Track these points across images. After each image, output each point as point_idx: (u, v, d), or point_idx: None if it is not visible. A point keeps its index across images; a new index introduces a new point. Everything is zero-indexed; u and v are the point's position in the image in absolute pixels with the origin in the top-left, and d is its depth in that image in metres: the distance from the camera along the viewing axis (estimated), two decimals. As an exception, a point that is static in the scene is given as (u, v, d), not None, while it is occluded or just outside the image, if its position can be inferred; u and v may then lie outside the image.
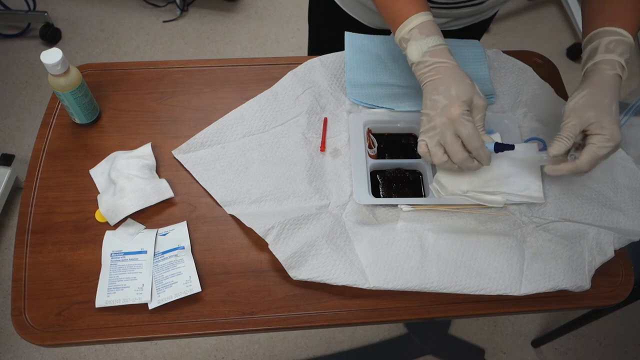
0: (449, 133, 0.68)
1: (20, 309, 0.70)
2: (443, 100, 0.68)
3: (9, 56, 2.07)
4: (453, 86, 0.68)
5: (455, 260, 0.74)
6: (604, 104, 0.69)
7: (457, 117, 0.67)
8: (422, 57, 0.70)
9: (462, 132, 0.68)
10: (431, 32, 0.70)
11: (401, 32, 0.72)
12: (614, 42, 0.70)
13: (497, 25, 2.31)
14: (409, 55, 0.72)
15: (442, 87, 0.69)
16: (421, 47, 0.70)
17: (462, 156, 0.69)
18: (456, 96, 0.68)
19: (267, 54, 2.16)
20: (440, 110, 0.68)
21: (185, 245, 0.75)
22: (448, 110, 0.67)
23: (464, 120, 0.67)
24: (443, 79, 0.69)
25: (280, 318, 0.72)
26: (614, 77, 0.70)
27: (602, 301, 0.76)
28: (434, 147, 0.70)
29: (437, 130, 0.69)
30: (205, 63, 0.94)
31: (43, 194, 0.79)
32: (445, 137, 0.69)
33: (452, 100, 0.68)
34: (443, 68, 0.69)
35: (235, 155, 0.82)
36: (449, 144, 0.69)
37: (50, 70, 0.75)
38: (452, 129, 0.68)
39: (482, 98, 0.70)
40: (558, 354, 1.58)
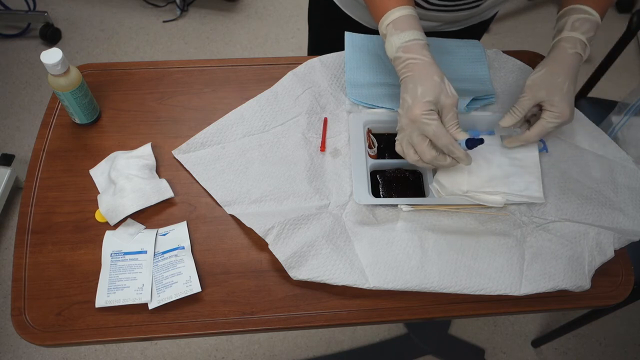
0: (415, 134, 0.68)
1: (20, 309, 0.70)
2: (409, 100, 0.68)
3: (9, 56, 2.07)
4: (419, 85, 0.67)
5: (455, 260, 0.74)
6: (557, 82, 0.72)
7: (418, 118, 0.67)
8: (395, 53, 0.70)
9: (427, 132, 0.67)
10: (407, 27, 0.68)
11: (381, 28, 0.72)
12: (579, 20, 0.73)
13: (497, 25, 2.31)
14: (387, 52, 0.72)
15: (410, 85, 0.68)
16: (394, 42, 0.69)
17: (429, 156, 0.69)
18: (420, 96, 0.67)
19: (267, 54, 2.15)
20: (405, 111, 0.68)
21: (185, 245, 0.75)
22: (411, 111, 0.67)
23: (426, 120, 0.66)
24: (413, 76, 0.68)
25: (280, 318, 0.72)
26: (572, 56, 0.73)
27: (602, 301, 0.76)
28: (405, 147, 0.71)
29: (405, 131, 0.70)
30: (205, 63, 0.94)
31: (43, 194, 0.79)
32: (412, 137, 0.69)
33: (414, 101, 0.67)
34: (414, 65, 0.68)
35: (235, 155, 0.82)
36: (416, 144, 0.69)
37: (50, 70, 0.75)
38: (417, 130, 0.68)
39: (449, 96, 0.68)
40: (558, 354, 1.58)
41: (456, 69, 0.92)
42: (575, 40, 0.73)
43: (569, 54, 0.73)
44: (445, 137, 0.67)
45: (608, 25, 0.76)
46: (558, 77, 0.72)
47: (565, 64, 0.73)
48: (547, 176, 0.82)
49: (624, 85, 2.13)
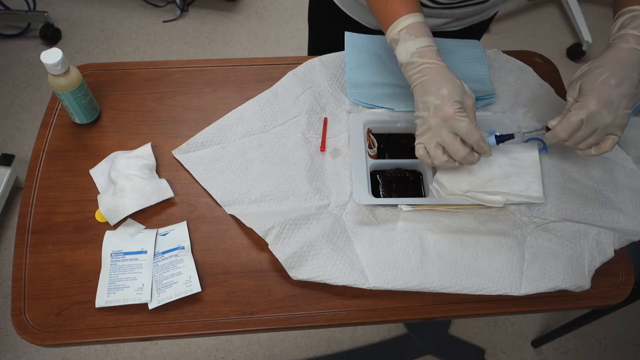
0: (445, 132, 0.68)
1: (20, 309, 0.70)
2: (435, 101, 0.68)
3: (9, 56, 2.07)
4: (443, 86, 0.68)
5: (455, 260, 0.74)
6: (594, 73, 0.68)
7: (452, 115, 0.67)
8: (410, 58, 0.70)
9: (460, 129, 0.68)
10: (420, 33, 0.70)
11: (391, 33, 0.72)
12: (629, 18, 0.70)
13: (497, 25, 2.31)
14: (398, 56, 0.72)
15: (432, 87, 0.69)
16: (409, 48, 0.70)
17: (464, 152, 0.69)
18: (448, 96, 0.68)
19: (267, 54, 2.15)
20: (434, 111, 0.68)
21: (185, 245, 0.75)
22: (441, 109, 0.68)
23: (459, 117, 0.67)
24: (432, 80, 0.69)
25: (280, 318, 0.72)
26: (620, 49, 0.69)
27: (602, 301, 0.76)
28: (433, 149, 0.70)
29: (433, 131, 0.69)
30: (205, 63, 0.94)
31: (43, 194, 0.79)
32: (443, 137, 0.69)
33: (444, 100, 0.68)
34: (431, 69, 0.69)
35: (235, 155, 0.82)
36: (448, 143, 0.69)
37: (50, 70, 0.75)
38: (448, 128, 0.68)
39: (471, 97, 0.70)
40: (558, 354, 1.58)
41: (456, 69, 0.90)
42: (627, 36, 0.69)
43: (619, 48, 0.69)
44: (477, 133, 0.68)
45: (608, 25, 0.75)
46: (597, 69, 0.69)
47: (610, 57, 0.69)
48: (547, 176, 0.82)
49: (624, 85, 2.13)
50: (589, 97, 0.68)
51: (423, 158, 0.72)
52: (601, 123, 0.68)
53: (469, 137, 0.68)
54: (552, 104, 0.90)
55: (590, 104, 0.68)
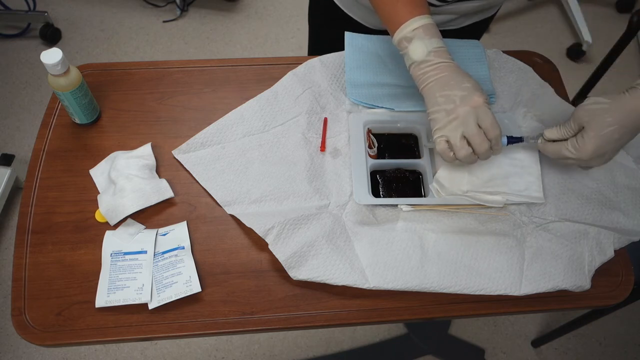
0: (473, 123, 0.68)
1: (20, 309, 0.70)
2: (460, 92, 0.69)
3: (9, 56, 2.07)
4: (465, 81, 0.70)
5: (455, 260, 0.74)
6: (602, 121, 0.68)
7: (482, 105, 0.68)
8: (426, 57, 0.71)
9: (485, 120, 0.68)
10: (434, 35, 0.71)
11: (403, 32, 0.72)
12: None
13: (497, 25, 2.31)
14: (413, 54, 0.72)
15: (452, 82, 0.70)
16: (426, 46, 0.71)
17: (487, 145, 0.69)
18: (472, 87, 0.69)
19: (267, 54, 2.15)
20: (461, 101, 0.69)
21: (185, 245, 0.75)
22: (472, 98, 0.68)
23: (487, 107, 0.69)
24: (451, 76, 0.70)
25: (280, 318, 0.72)
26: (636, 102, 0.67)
27: (602, 301, 0.76)
28: (458, 140, 0.69)
29: (460, 120, 0.69)
30: (205, 63, 0.94)
31: (43, 194, 0.79)
32: (470, 127, 0.68)
33: (470, 91, 0.69)
34: (448, 67, 0.70)
35: (235, 155, 0.82)
36: (474, 134, 0.68)
37: (50, 70, 0.75)
38: (475, 119, 0.68)
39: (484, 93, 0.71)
40: (558, 354, 1.58)
41: (456, 69, 0.91)
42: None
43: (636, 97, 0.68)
44: (498, 127, 0.69)
45: (608, 25, 0.75)
46: (607, 116, 0.68)
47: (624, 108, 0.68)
48: (547, 176, 0.82)
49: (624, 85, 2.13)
50: (588, 145, 0.69)
51: (444, 152, 0.71)
52: (587, 164, 0.73)
53: (493, 129, 0.69)
54: (552, 104, 0.89)
55: (585, 153, 0.70)
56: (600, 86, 1.41)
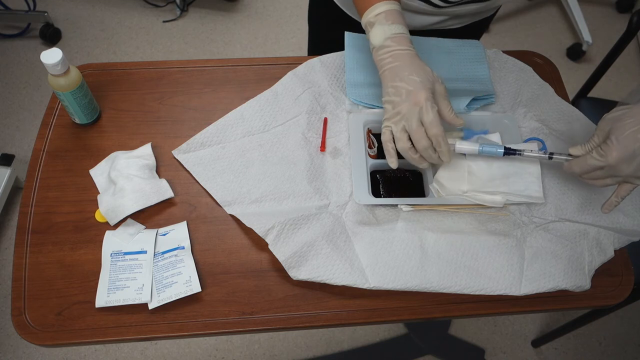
0: (414, 119, 0.69)
1: (20, 309, 0.70)
2: (407, 87, 0.69)
3: (9, 56, 2.07)
4: (415, 73, 0.69)
5: (455, 260, 0.74)
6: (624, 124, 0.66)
7: (423, 102, 0.68)
8: (383, 42, 0.71)
9: (426, 118, 0.68)
10: (396, 20, 0.71)
11: (367, 16, 0.73)
12: None
13: (497, 25, 2.31)
14: (372, 39, 0.73)
15: (404, 73, 0.69)
16: (385, 32, 0.71)
17: (425, 143, 0.69)
18: (420, 82, 0.69)
19: (267, 54, 2.15)
20: (406, 96, 0.69)
21: (185, 245, 0.75)
22: (414, 95, 0.68)
23: (429, 105, 0.68)
24: (404, 65, 0.70)
25: (280, 318, 0.72)
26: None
27: (602, 301, 0.76)
28: (398, 132, 0.71)
29: (401, 115, 0.70)
30: (205, 63, 0.94)
31: (43, 194, 0.79)
32: (411, 122, 0.69)
33: (416, 87, 0.68)
34: (403, 55, 0.70)
35: (235, 155, 0.82)
36: (414, 130, 0.69)
37: (50, 70, 0.75)
38: (417, 115, 0.68)
39: (442, 85, 0.71)
40: (558, 354, 1.58)
41: (456, 69, 0.92)
42: None
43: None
44: (438, 127, 0.68)
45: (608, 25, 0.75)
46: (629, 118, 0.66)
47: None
48: (547, 176, 0.82)
49: (624, 85, 2.13)
50: (612, 148, 0.66)
51: (386, 142, 0.73)
52: (619, 173, 0.67)
53: (431, 128, 0.68)
54: (552, 104, 0.90)
55: (611, 157, 0.66)
56: (600, 86, 1.41)
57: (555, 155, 0.73)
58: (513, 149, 0.75)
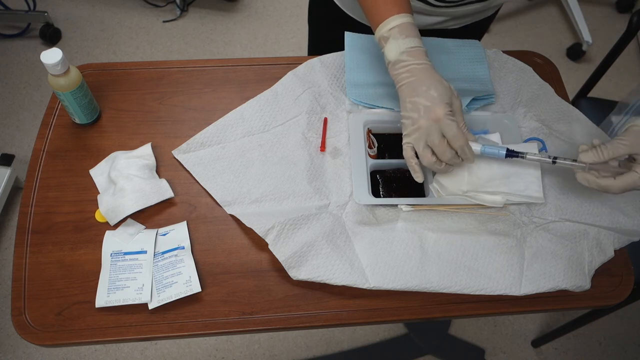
0: (435, 134, 0.69)
1: (20, 309, 0.70)
2: (425, 102, 0.69)
3: (9, 56, 2.07)
4: (432, 88, 0.69)
5: (455, 260, 0.74)
6: None
7: (442, 118, 0.68)
8: (399, 56, 0.71)
9: (447, 132, 0.68)
10: (411, 34, 0.71)
11: (381, 31, 0.72)
12: None
13: (497, 25, 2.31)
14: (387, 54, 0.72)
15: (422, 88, 0.69)
16: (399, 46, 0.70)
17: (450, 154, 0.70)
18: (438, 97, 0.68)
19: (267, 54, 2.15)
20: (424, 112, 0.69)
21: (185, 245, 0.75)
22: (433, 111, 0.68)
23: (448, 120, 0.68)
24: (421, 80, 0.70)
25: (280, 318, 0.72)
26: None
27: (602, 301, 0.76)
28: (422, 149, 0.71)
29: (422, 130, 0.69)
30: (205, 63, 0.94)
31: (43, 194, 0.79)
32: (432, 137, 0.69)
33: (434, 102, 0.68)
34: (419, 69, 0.70)
35: (235, 155, 0.82)
36: (436, 145, 0.69)
37: (50, 70, 0.75)
38: (438, 130, 0.68)
39: (458, 99, 0.71)
40: (558, 354, 1.58)
41: (456, 69, 0.92)
42: None
43: None
44: (462, 138, 0.69)
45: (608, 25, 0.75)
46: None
47: None
48: (547, 176, 0.82)
49: (624, 85, 2.13)
50: None
51: (409, 159, 0.73)
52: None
53: (455, 141, 0.69)
54: (552, 104, 0.90)
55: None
56: (600, 86, 1.41)
57: (559, 160, 0.73)
58: (516, 152, 0.74)
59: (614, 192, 0.68)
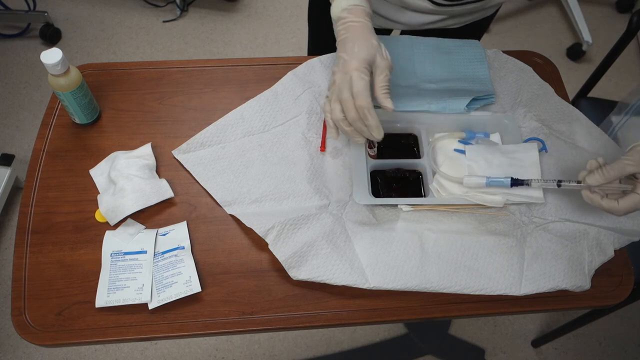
0: (345, 89, 0.68)
1: (20, 309, 0.70)
2: (346, 57, 0.69)
3: (9, 56, 2.07)
4: (357, 44, 0.69)
5: (455, 260, 0.74)
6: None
7: (352, 72, 0.67)
8: (340, 13, 0.71)
9: (352, 88, 0.67)
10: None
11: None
12: None
13: (497, 25, 2.31)
14: (331, 12, 0.73)
15: (349, 44, 0.69)
16: (342, 4, 0.71)
17: (354, 114, 0.68)
18: (358, 53, 0.68)
19: (267, 54, 2.15)
20: (342, 66, 0.69)
21: (185, 245, 0.75)
22: (347, 65, 0.68)
23: (358, 75, 0.67)
24: (351, 37, 0.70)
25: (280, 318, 0.72)
26: None
27: (602, 301, 0.76)
28: (333, 102, 0.70)
29: (337, 85, 0.69)
30: (205, 63, 0.94)
31: (43, 194, 0.79)
32: (342, 93, 0.69)
33: (352, 57, 0.68)
34: (354, 27, 0.70)
35: (235, 156, 0.82)
36: (344, 100, 0.68)
37: (50, 70, 0.75)
38: (348, 85, 0.68)
39: (385, 59, 0.70)
40: (558, 354, 1.58)
41: (456, 69, 0.92)
42: None
43: None
44: (365, 98, 0.67)
45: (608, 25, 0.75)
46: None
47: None
48: (547, 176, 0.82)
49: (624, 85, 2.13)
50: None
51: (325, 113, 0.72)
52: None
53: (357, 98, 0.67)
54: (552, 104, 0.90)
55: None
56: (600, 86, 1.41)
57: (564, 183, 0.73)
58: (520, 180, 0.75)
59: (618, 215, 0.67)
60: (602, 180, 0.66)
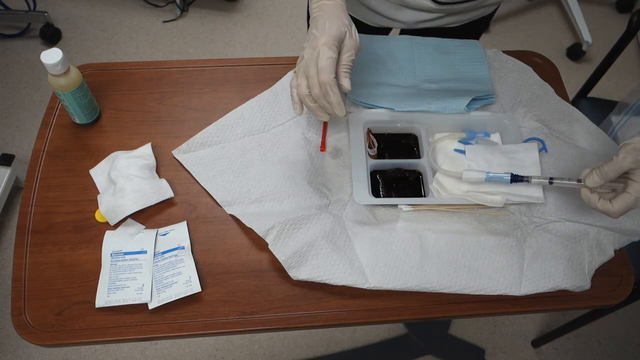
0: (312, 65, 0.68)
1: (20, 309, 0.70)
2: (316, 33, 0.69)
3: (9, 56, 2.07)
4: (328, 21, 0.69)
5: (455, 260, 0.74)
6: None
7: (319, 47, 0.67)
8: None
9: (318, 63, 0.67)
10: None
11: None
12: None
13: (497, 25, 2.31)
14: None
15: (320, 21, 0.70)
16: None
17: (317, 91, 0.68)
18: (328, 29, 0.68)
19: (267, 54, 2.15)
20: (311, 42, 0.69)
21: (185, 245, 0.75)
22: (316, 40, 0.68)
23: (324, 50, 0.67)
24: (323, 15, 0.70)
25: (280, 318, 0.72)
26: None
27: (602, 301, 0.76)
28: (300, 77, 0.70)
29: (305, 60, 0.69)
30: (205, 63, 0.94)
31: (43, 194, 0.79)
32: (309, 68, 0.69)
33: (322, 33, 0.68)
34: (327, 6, 0.71)
35: (235, 155, 0.82)
36: (310, 76, 0.68)
37: (50, 70, 0.75)
38: (315, 60, 0.68)
39: (353, 39, 0.70)
40: (558, 354, 1.58)
41: (456, 69, 0.92)
42: None
43: None
44: (329, 75, 0.67)
45: (608, 25, 0.75)
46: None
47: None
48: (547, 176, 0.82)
49: (624, 85, 2.13)
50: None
51: (292, 89, 0.72)
52: None
53: (321, 74, 0.67)
54: (552, 104, 0.90)
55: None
56: (600, 86, 1.41)
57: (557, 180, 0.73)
58: (520, 176, 0.75)
59: (614, 217, 0.67)
60: (602, 181, 0.66)
